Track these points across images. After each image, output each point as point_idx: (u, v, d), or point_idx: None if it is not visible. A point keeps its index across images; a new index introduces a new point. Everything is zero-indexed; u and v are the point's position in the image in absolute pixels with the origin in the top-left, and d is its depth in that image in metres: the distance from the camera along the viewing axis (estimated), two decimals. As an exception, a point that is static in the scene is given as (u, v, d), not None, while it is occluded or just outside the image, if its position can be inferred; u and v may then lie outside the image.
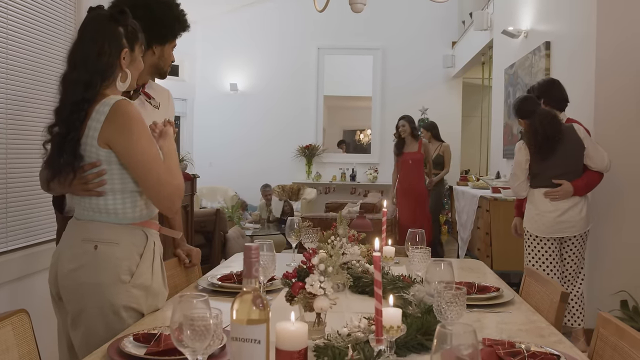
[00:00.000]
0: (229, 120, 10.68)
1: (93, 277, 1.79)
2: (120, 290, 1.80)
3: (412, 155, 6.80)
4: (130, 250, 1.84)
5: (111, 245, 1.81)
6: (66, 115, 1.79)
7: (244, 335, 1.15)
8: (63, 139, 1.79)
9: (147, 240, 1.90)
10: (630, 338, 1.49)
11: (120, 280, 1.80)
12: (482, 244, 5.82)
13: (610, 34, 4.33)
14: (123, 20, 1.88)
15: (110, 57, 1.83)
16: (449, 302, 1.46)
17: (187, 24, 2.38)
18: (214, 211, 5.80)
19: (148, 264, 1.89)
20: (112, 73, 1.85)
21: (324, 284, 1.50)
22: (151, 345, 1.48)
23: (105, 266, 1.79)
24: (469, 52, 9.14)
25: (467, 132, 10.82)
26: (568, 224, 3.75)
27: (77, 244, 1.82)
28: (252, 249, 1.17)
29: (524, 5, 6.44)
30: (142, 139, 1.79)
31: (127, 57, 1.88)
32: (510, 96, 6.87)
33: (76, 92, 1.79)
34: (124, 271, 1.81)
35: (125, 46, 1.87)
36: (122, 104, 1.79)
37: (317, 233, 2.39)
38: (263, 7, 10.60)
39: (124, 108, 1.78)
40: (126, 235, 1.85)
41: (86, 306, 1.79)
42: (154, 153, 1.82)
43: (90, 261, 1.79)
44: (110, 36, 1.84)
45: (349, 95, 11.62)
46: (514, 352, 1.44)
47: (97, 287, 1.79)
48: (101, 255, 1.80)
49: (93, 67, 1.81)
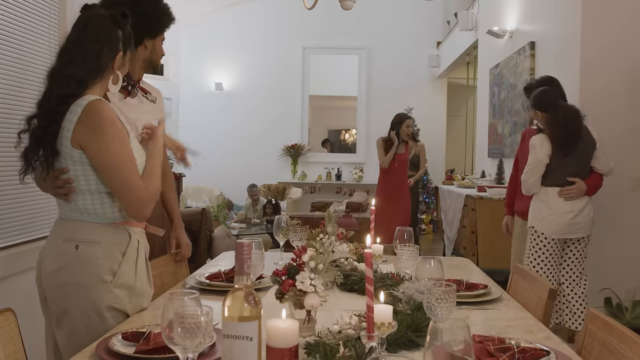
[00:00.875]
0: (214, 119, 10.63)
1: (75, 278, 1.78)
2: (103, 291, 1.78)
3: (399, 157, 6.44)
4: (111, 250, 1.82)
5: (92, 245, 1.80)
6: (50, 107, 1.78)
7: (236, 333, 1.14)
8: (43, 132, 1.77)
9: (130, 239, 1.88)
10: (619, 334, 1.51)
11: (102, 280, 1.79)
12: (468, 242, 5.85)
13: (595, 34, 4.37)
14: (123, 25, 1.90)
15: (107, 59, 1.85)
16: (439, 299, 1.46)
17: (173, 17, 2.40)
18: (200, 210, 5.78)
19: (131, 263, 1.87)
20: (104, 74, 1.85)
21: (315, 281, 1.50)
22: (140, 343, 1.47)
23: (86, 266, 1.78)
24: (454, 52, 9.19)
25: (452, 131, 10.87)
26: (579, 225, 3.64)
27: (59, 244, 1.81)
28: (244, 245, 1.16)
29: (509, 6, 6.49)
30: (113, 141, 1.76)
31: (119, 61, 1.89)
32: (495, 96, 6.91)
33: (68, 86, 1.78)
34: (106, 271, 1.80)
35: (120, 50, 1.88)
36: (95, 104, 1.76)
37: (305, 231, 2.38)
38: (248, 7, 10.57)
39: (97, 109, 1.76)
40: (108, 234, 1.83)
41: (69, 307, 1.78)
42: (125, 156, 1.78)
43: (72, 261, 1.78)
44: (111, 39, 1.85)
45: (334, 95, 11.62)
46: (504, 348, 1.44)
47: (79, 287, 1.78)
48: (82, 255, 1.78)
49: (91, 67, 1.81)
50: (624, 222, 4.20)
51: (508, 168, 6.19)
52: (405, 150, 6.40)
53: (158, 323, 1.61)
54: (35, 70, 3.01)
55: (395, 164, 6.30)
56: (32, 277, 1.92)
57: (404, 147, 6.40)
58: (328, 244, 1.91)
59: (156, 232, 2.19)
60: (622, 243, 4.26)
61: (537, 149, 3.63)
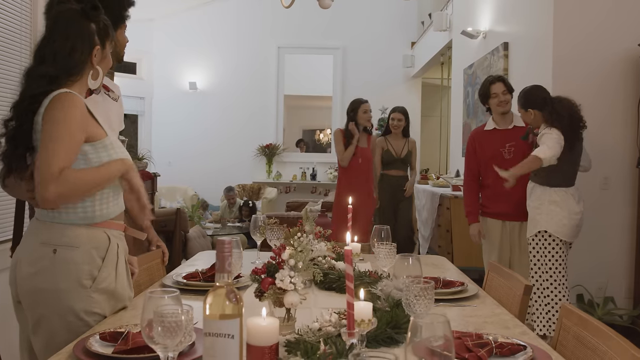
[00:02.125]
0: (188, 119, 10.57)
1: (52, 283, 1.73)
2: (81, 296, 1.75)
3: (362, 152, 5.31)
4: (90, 254, 1.78)
5: (70, 249, 1.75)
6: (23, 107, 1.75)
7: (218, 330, 1.14)
8: (17, 131, 1.75)
9: (109, 242, 1.83)
10: (593, 328, 1.54)
11: (81, 285, 1.75)
12: (443, 241, 5.90)
13: (567, 35, 4.46)
14: (95, 17, 1.83)
15: (82, 54, 1.80)
16: (417, 296, 1.47)
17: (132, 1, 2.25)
18: (175, 211, 5.74)
19: (111, 267, 1.83)
20: (81, 70, 1.81)
21: (294, 279, 1.50)
22: (119, 343, 1.45)
23: (64, 272, 1.73)
24: (428, 53, 9.26)
25: (426, 131, 10.95)
26: (580, 227, 3.62)
27: (36, 247, 1.76)
28: (224, 243, 1.16)
29: (483, 7, 6.56)
30: (63, 120, 1.69)
31: (98, 55, 1.84)
32: (469, 96, 6.98)
33: (40, 85, 1.75)
34: (85, 276, 1.76)
35: (97, 43, 1.83)
36: (62, 95, 1.73)
37: (282, 230, 2.38)
38: (222, 5, 10.52)
39: (62, 99, 1.72)
40: (86, 237, 1.78)
41: (46, 312, 1.74)
42: (62, 136, 1.68)
43: (49, 266, 1.73)
44: (83, 34, 1.80)
45: (309, 95, 11.63)
46: (482, 343, 1.46)
47: (56, 293, 1.73)
48: (60, 260, 1.73)
49: (62, 64, 1.77)
50: (595, 220, 4.27)
51: (482, 167, 6.25)
52: (367, 143, 5.37)
53: (136, 323, 1.60)
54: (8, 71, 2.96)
55: (359, 159, 5.27)
56: (4, 279, 1.87)
57: (366, 139, 5.37)
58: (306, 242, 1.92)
59: (139, 236, 2.15)
60: (593, 240, 4.34)
61: (552, 135, 3.42)
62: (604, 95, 4.42)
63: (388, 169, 6.08)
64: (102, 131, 1.81)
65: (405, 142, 6.10)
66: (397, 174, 6.10)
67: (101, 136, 1.79)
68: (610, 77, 4.45)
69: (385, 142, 6.11)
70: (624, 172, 4.46)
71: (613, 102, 4.44)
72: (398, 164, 6.08)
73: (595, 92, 4.39)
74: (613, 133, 4.44)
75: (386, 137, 6.16)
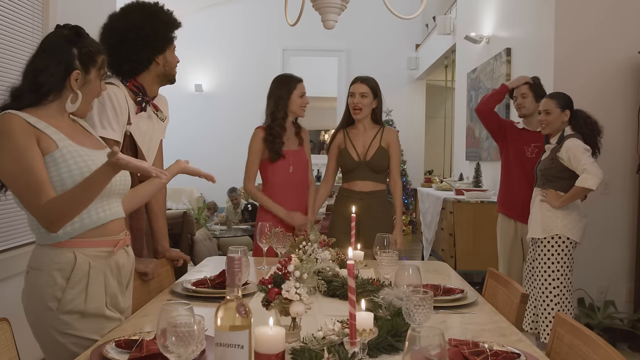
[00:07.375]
0: (194, 120, 10.65)
1: (27, 303, 1.82)
2: (50, 317, 1.77)
3: (295, 157, 3.59)
4: (53, 277, 1.76)
5: (36, 271, 1.79)
6: None
7: (228, 341, 1.22)
8: None
9: (75, 262, 1.78)
10: (584, 337, 1.61)
11: (47, 307, 1.77)
12: (446, 244, 5.97)
13: (568, 40, 4.53)
14: (79, 42, 1.83)
15: (52, 76, 1.78)
16: (416, 305, 1.54)
17: (178, 22, 2.42)
18: (181, 213, 5.82)
19: (79, 289, 1.79)
20: (50, 91, 1.80)
21: (300, 290, 1.57)
22: (133, 351, 1.53)
23: (33, 294, 1.79)
24: (432, 56, 9.31)
25: (431, 133, 11.02)
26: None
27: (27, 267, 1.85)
28: (234, 259, 1.24)
29: (485, 12, 6.62)
30: (9, 152, 1.69)
31: (79, 79, 1.82)
32: (473, 100, 7.04)
33: (5, 102, 1.79)
34: (50, 298, 1.76)
35: (77, 67, 1.81)
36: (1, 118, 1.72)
37: (288, 239, 2.45)
38: (229, 8, 10.61)
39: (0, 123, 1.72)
40: (49, 259, 1.77)
41: (33, 330, 1.83)
42: (12, 172, 1.70)
43: (26, 287, 1.82)
44: (60, 56, 1.79)
45: (314, 96, 11.64)
46: (478, 352, 1.53)
47: (30, 312, 1.82)
48: (30, 282, 1.80)
49: (27, 81, 1.79)
50: (596, 225, 4.33)
51: (485, 172, 6.33)
52: (301, 143, 3.64)
53: (149, 330, 1.68)
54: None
55: (289, 167, 3.56)
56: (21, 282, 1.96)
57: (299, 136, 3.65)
58: (311, 251, 2.00)
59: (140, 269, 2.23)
60: (594, 245, 4.40)
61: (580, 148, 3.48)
62: (604, 101, 4.48)
63: (349, 179, 3.67)
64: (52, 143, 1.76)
65: (376, 133, 3.62)
66: (365, 188, 3.58)
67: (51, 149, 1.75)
68: (610, 84, 4.52)
69: (344, 138, 3.70)
70: (625, 177, 4.52)
71: (613, 108, 4.50)
72: (364, 171, 3.59)
73: (595, 98, 4.45)
74: (613, 139, 4.48)
75: (346, 130, 3.72)
